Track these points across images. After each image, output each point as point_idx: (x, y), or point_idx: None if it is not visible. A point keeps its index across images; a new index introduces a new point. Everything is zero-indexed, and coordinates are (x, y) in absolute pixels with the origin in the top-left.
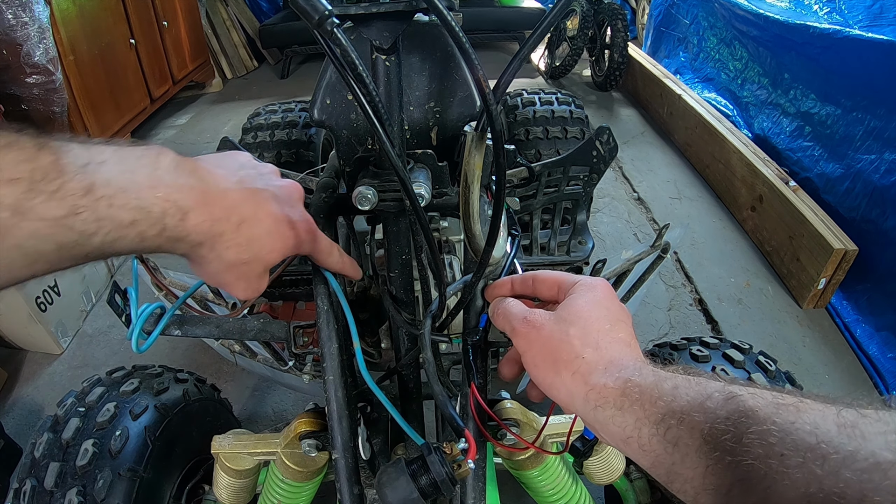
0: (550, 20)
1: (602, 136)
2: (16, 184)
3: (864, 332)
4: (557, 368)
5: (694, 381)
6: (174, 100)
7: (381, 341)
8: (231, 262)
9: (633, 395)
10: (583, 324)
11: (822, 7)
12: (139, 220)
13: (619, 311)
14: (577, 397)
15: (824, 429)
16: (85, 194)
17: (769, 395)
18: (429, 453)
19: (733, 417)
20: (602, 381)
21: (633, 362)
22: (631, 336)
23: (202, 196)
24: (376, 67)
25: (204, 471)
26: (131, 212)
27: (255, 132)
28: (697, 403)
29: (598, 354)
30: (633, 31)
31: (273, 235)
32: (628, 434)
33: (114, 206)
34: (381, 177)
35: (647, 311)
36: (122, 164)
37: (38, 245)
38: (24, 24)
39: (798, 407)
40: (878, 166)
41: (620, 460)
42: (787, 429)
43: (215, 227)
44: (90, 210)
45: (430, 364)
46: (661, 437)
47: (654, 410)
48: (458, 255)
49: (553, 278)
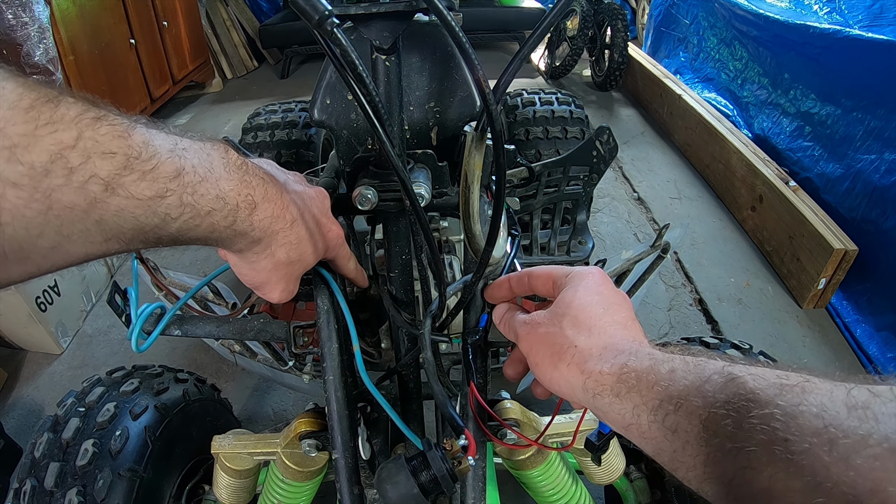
0: (550, 20)
1: (602, 136)
2: (111, 158)
3: (864, 332)
4: (555, 361)
5: (692, 362)
6: (174, 100)
7: (381, 341)
8: (280, 262)
9: (629, 380)
10: (574, 313)
11: (822, 7)
12: (216, 210)
13: (612, 294)
14: (576, 387)
15: (833, 411)
16: (174, 178)
17: (772, 375)
18: (429, 449)
19: (733, 401)
20: (598, 368)
21: (629, 345)
22: (628, 318)
23: (265, 193)
24: (376, 67)
25: (204, 471)
26: (211, 201)
27: (255, 132)
28: (695, 387)
29: (591, 340)
30: (633, 31)
31: (315, 238)
32: (628, 421)
33: (197, 193)
34: (381, 177)
35: (647, 311)
36: (200, 153)
37: (121, 223)
38: (24, 24)
39: (804, 387)
40: (878, 166)
41: (620, 460)
42: (792, 412)
43: (274, 225)
44: (176, 195)
45: (429, 364)
46: (659, 423)
47: (651, 396)
48: (458, 255)
49: (547, 273)
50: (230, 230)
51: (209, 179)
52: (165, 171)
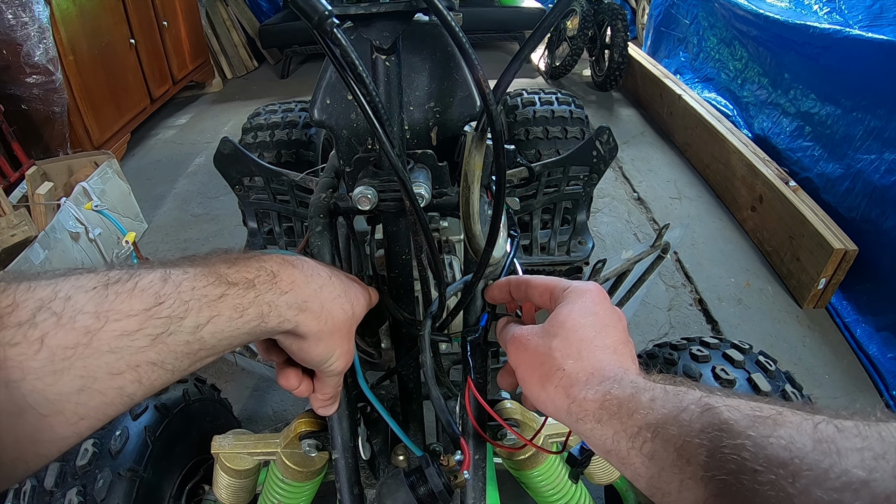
0: (550, 20)
1: (602, 136)
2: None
3: (864, 332)
4: (543, 382)
5: (672, 392)
6: (174, 100)
7: (381, 341)
8: (338, 319)
9: (611, 408)
10: (566, 334)
11: (822, 7)
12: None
13: (607, 315)
14: (560, 410)
15: (800, 444)
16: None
17: (747, 406)
18: (427, 466)
19: (707, 431)
20: (582, 394)
21: (615, 371)
22: (619, 341)
23: (280, 261)
24: (376, 67)
25: (204, 471)
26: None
27: (255, 132)
28: (672, 416)
29: (580, 365)
30: (633, 31)
31: (354, 288)
32: (609, 447)
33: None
34: (381, 177)
35: (647, 311)
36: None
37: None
38: (24, 24)
39: (775, 420)
40: (878, 166)
41: None
42: (762, 443)
43: (310, 284)
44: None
45: (428, 367)
46: (637, 450)
47: (630, 424)
48: (458, 255)
49: (544, 285)
50: (271, 306)
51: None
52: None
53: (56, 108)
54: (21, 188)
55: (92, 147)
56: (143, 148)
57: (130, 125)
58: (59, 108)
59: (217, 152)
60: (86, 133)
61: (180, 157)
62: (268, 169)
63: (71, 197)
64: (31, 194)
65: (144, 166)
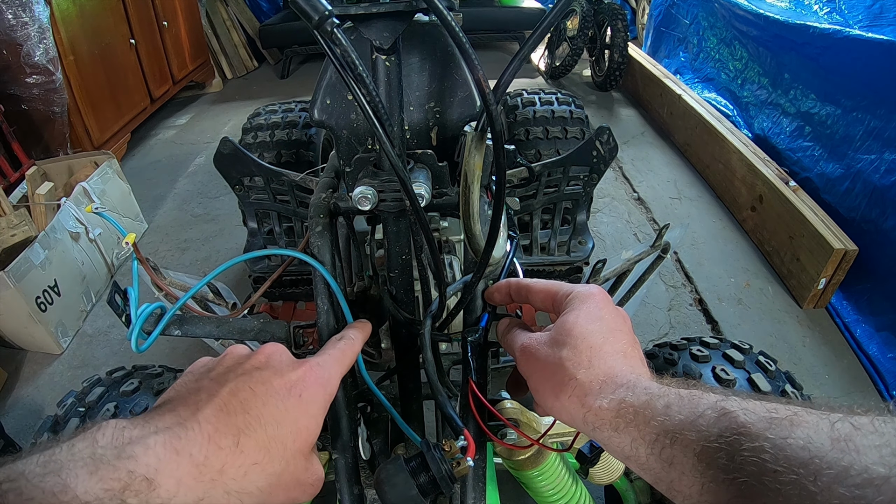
0: (550, 20)
1: (602, 136)
2: None
3: (864, 332)
4: (556, 392)
5: (687, 396)
6: (174, 100)
7: (381, 341)
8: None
9: (627, 416)
10: (574, 343)
11: (822, 7)
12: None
13: (613, 319)
14: (576, 419)
15: (818, 443)
16: None
17: (762, 409)
18: (428, 450)
19: (725, 435)
20: (597, 404)
21: (627, 378)
22: (628, 344)
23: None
24: (376, 67)
25: None
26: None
27: (255, 132)
28: (689, 422)
29: (592, 373)
30: (633, 31)
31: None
32: (627, 453)
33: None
34: (381, 177)
35: (647, 311)
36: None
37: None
38: (24, 24)
39: (792, 420)
40: (878, 166)
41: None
42: (780, 444)
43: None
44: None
45: (430, 364)
46: (656, 455)
47: (647, 431)
48: (458, 255)
49: (546, 290)
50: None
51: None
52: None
53: (56, 108)
54: (21, 188)
55: (92, 147)
56: (143, 148)
57: (130, 125)
58: (59, 108)
59: (217, 152)
60: (86, 133)
61: (180, 157)
62: (268, 169)
63: (71, 197)
64: (31, 194)
65: (144, 166)
